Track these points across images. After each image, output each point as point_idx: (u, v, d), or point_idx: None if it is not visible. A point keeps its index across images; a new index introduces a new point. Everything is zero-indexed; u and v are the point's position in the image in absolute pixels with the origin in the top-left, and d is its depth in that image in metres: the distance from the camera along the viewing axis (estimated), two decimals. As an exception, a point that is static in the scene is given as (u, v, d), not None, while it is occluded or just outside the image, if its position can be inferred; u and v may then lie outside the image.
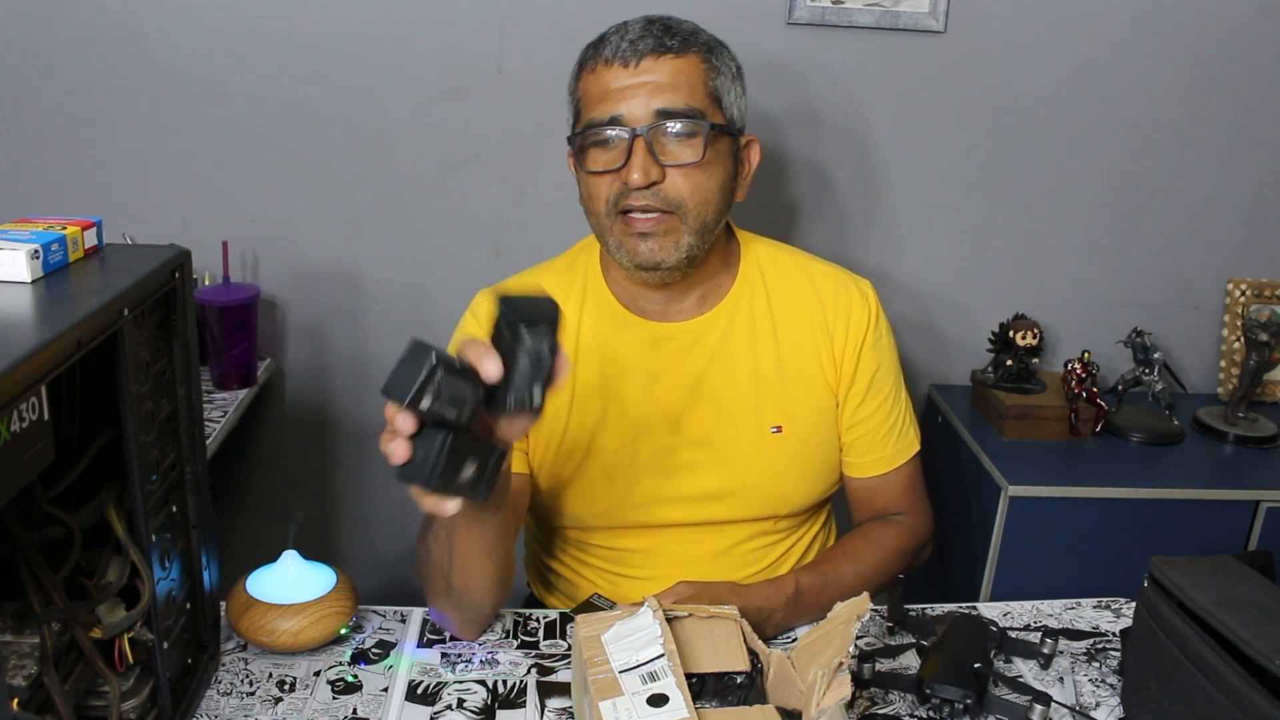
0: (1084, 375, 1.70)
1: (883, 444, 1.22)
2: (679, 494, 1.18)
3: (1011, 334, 1.77)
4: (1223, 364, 1.91)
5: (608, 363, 1.17)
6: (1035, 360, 1.79)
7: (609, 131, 1.07)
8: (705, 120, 1.07)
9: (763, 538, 1.22)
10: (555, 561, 1.28)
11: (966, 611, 1.12)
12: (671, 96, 1.06)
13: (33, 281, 0.73)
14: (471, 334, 1.20)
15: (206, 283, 1.72)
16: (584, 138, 1.09)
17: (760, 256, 1.21)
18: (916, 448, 1.26)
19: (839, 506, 1.32)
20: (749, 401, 1.17)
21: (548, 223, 1.75)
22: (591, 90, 1.09)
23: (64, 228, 0.79)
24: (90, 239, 0.81)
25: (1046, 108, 1.81)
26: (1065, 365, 1.73)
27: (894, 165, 1.83)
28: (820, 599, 1.08)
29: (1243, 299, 1.89)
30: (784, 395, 1.18)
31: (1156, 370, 1.75)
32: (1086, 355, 1.72)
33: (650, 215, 1.07)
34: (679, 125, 1.06)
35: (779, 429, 1.17)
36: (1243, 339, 1.81)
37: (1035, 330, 1.77)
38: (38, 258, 0.74)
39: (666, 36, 1.07)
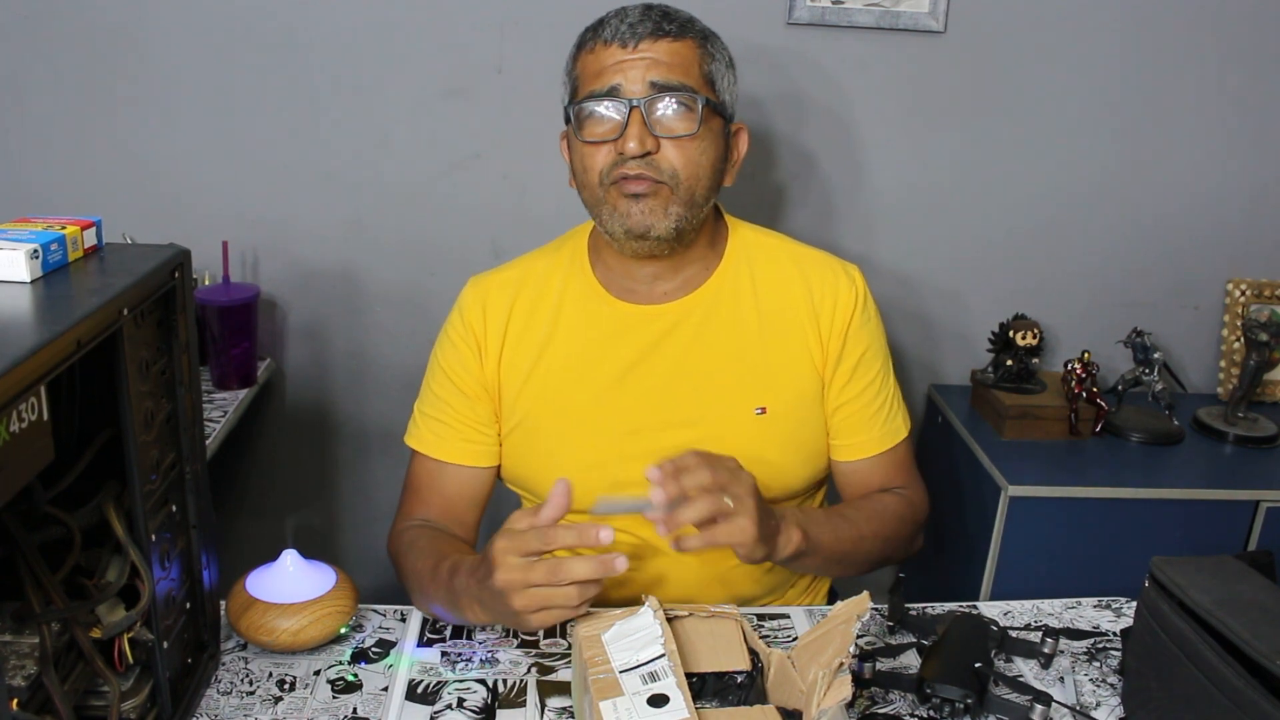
0: (1084, 375, 1.70)
1: (869, 426, 1.22)
2: None
3: (1011, 334, 1.77)
4: (1223, 364, 1.91)
5: (587, 344, 1.18)
6: (1035, 360, 1.79)
7: (606, 102, 1.09)
8: (699, 95, 1.09)
9: None
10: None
11: (967, 611, 1.12)
12: (667, 73, 1.09)
13: (32, 281, 0.73)
14: (458, 335, 1.21)
15: (206, 283, 1.72)
16: (581, 109, 1.11)
17: (747, 241, 1.22)
18: (904, 433, 1.26)
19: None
20: (732, 383, 1.18)
21: (548, 223, 1.74)
22: (590, 67, 1.11)
23: (63, 227, 0.79)
24: (90, 239, 0.81)
25: (1046, 107, 1.81)
26: (1065, 365, 1.73)
27: (894, 166, 1.83)
28: (828, 527, 1.11)
29: (1243, 299, 1.89)
30: (768, 377, 1.18)
31: (1156, 370, 1.75)
32: (1086, 355, 1.71)
33: (644, 181, 1.09)
34: (674, 98, 1.09)
35: (763, 410, 1.17)
36: (1243, 339, 1.81)
37: (1035, 330, 1.77)
38: (37, 257, 0.74)
39: (665, 21, 1.11)
